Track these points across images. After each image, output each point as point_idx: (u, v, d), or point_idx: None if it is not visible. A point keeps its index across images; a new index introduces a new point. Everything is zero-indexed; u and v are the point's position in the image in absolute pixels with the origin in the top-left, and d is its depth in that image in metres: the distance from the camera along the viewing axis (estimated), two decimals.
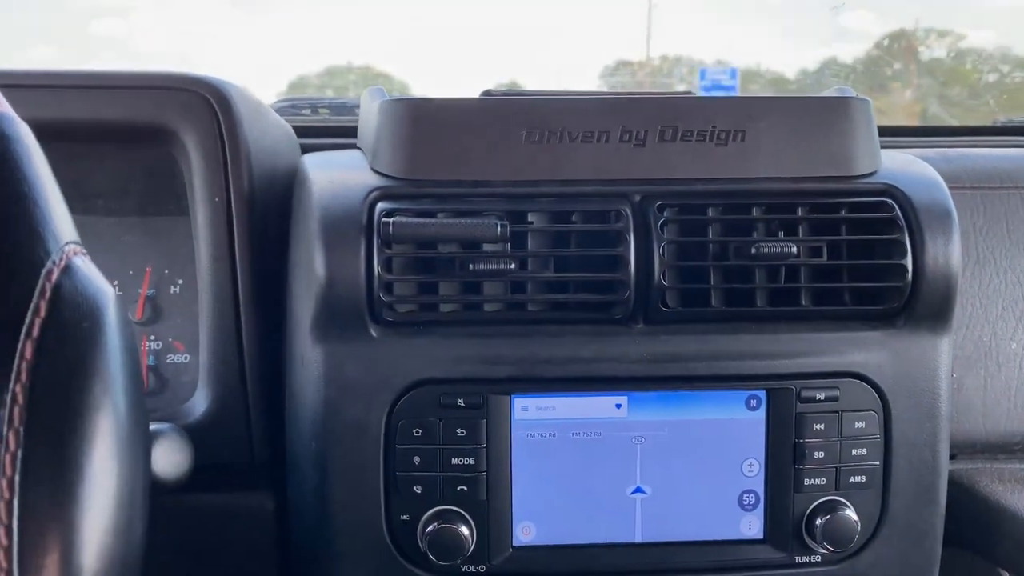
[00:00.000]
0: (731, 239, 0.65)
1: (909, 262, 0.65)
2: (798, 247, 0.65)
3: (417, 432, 0.64)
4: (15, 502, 0.29)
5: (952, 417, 0.75)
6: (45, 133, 0.40)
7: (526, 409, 0.65)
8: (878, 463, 0.67)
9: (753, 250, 0.64)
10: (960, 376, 0.78)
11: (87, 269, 0.34)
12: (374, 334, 0.64)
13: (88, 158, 0.73)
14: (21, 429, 0.30)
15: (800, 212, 0.66)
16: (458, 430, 0.64)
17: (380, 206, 0.64)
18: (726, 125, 0.66)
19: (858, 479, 0.66)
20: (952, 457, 0.77)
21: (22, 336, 0.30)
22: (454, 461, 0.64)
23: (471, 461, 0.64)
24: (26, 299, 0.31)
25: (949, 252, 0.65)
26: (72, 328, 0.32)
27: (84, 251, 0.35)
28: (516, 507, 0.65)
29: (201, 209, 0.70)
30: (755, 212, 0.66)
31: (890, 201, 0.66)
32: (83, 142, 0.71)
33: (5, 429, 0.30)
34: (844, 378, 0.66)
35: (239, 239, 0.70)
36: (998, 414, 0.78)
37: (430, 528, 0.64)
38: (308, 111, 1.06)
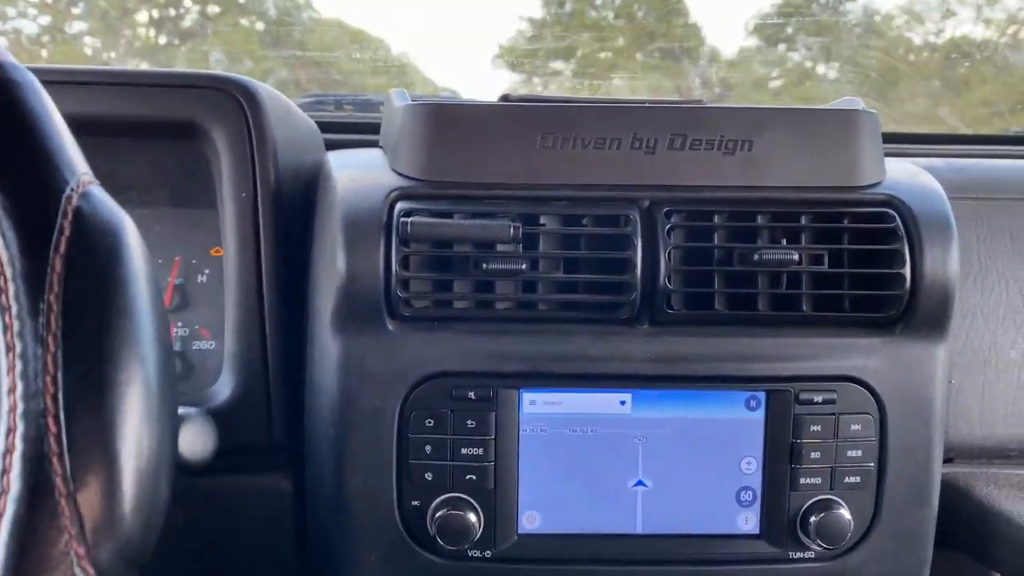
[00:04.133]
0: (735, 245, 0.68)
1: (908, 271, 0.67)
2: (800, 254, 0.67)
3: (429, 422, 0.67)
4: (59, 395, 0.34)
5: (950, 422, 0.77)
6: (82, 128, 0.43)
7: (534, 403, 0.68)
8: (873, 464, 0.69)
9: (756, 256, 0.66)
10: (959, 382, 0.80)
11: (103, 196, 0.38)
12: (391, 328, 0.67)
13: (122, 152, 0.77)
14: (58, 332, 0.34)
15: (803, 221, 0.68)
16: (468, 421, 0.67)
17: (399, 206, 0.67)
18: (734, 135, 0.68)
19: (853, 479, 0.69)
20: (949, 461, 0.79)
21: (51, 252, 0.34)
22: (463, 451, 0.67)
23: (480, 451, 0.67)
24: (51, 220, 0.35)
25: (947, 263, 0.68)
26: (95, 244, 0.36)
27: (97, 182, 0.39)
28: (522, 496, 0.68)
29: (229, 203, 0.73)
30: (760, 220, 0.68)
31: (891, 212, 0.68)
32: (118, 137, 0.74)
33: (45, 334, 0.34)
34: (841, 382, 0.68)
35: (264, 233, 0.73)
36: (995, 420, 0.80)
37: (439, 514, 0.67)
38: (332, 107, 1.09)
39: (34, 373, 0.34)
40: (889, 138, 0.75)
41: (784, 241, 0.68)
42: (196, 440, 0.55)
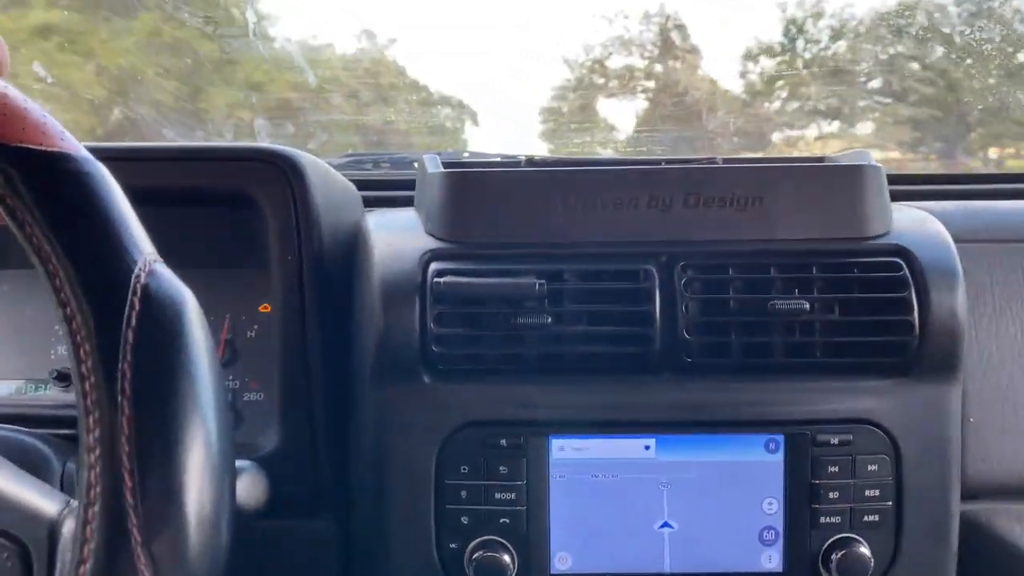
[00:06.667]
0: (750, 296, 0.71)
1: (916, 318, 0.70)
2: (812, 304, 0.71)
3: (464, 469, 0.71)
4: (134, 454, 0.38)
5: (970, 460, 0.79)
6: (140, 199, 0.48)
7: (562, 449, 0.72)
8: (890, 503, 0.72)
9: (770, 307, 0.70)
10: (977, 421, 0.82)
11: (166, 272, 0.42)
12: (426, 380, 0.72)
13: (176, 219, 0.82)
14: (132, 396, 0.38)
15: (814, 271, 0.72)
16: (501, 468, 0.71)
17: (433, 266, 0.72)
18: (745, 192, 0.72)
19: (871, 518, 0.71)
20: (972, 498, 0.81)
21: (123, 326, 0.39)
22: (497, 496, 0.71)
23: (512, 496, 0.71)
24: (123, 297, 0.39)
25: (954, 309, 0.71)
26: (161, 317, 0.40)
27: (161, 260, 0.43)
28: (554, 538, 0.72)
29: (276, 266, 0.79)
30: (772, 272, 0.72)
31: (899, 261, 0.72)
32: (173, 206, 0.80)
33: (120, 398, 0.38)
34: (857, 424, 0.71)
35: (308, 293, 0.78)
36: (1015, 457, 0.81)
37: (476, 556, 0.71)
38: (370, 166, 1.15)
39: (111, 434, 0.38)
40: (901, 179, 0.78)
41: (796, 291, 0.72)
42: (250, 490, 0.60)
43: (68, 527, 0.48)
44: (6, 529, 0.48)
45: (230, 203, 0.80)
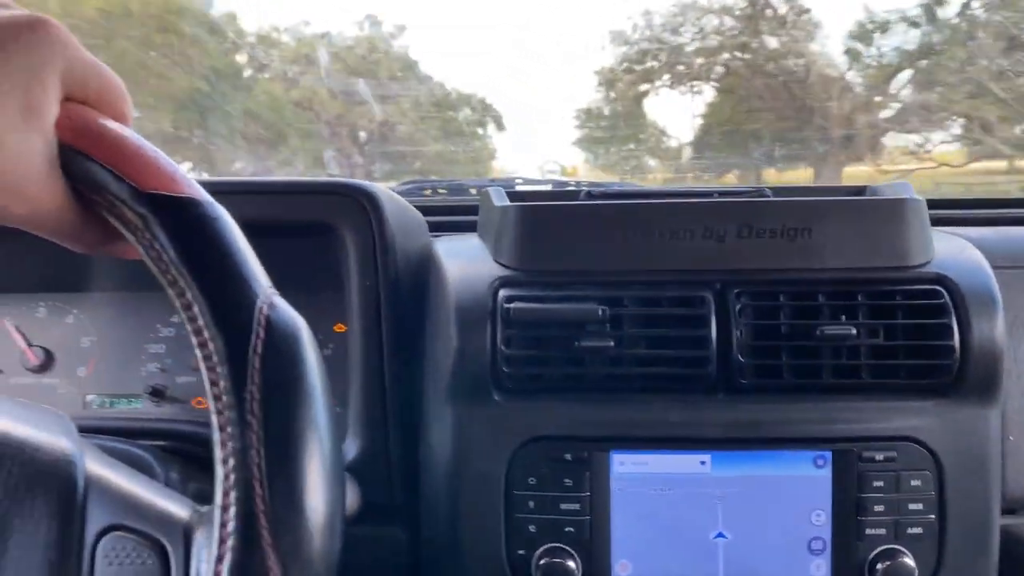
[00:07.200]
0: (799, 322, 0.76)
1: (957, 343, 0.75)
2: (858, 329, 0.75)
3: (532, 480, 0.77)
4: (263, 464, 0.43)
5: (1011, 476, 0.83)
6: None
7: (623, 464, 0.77)
8: (933, 517, 0.76)
9: (818, 332, 0.75)
10: (1018, 439, 0.86)
11: (284, 305, 0.47)
12: (496, 398, 0.78)
13: (263, 247, 0.89)
14: (260, 415, 0.43)
15: (860, 299, 0.77)
16: (565, 480, 0.77)
17: (502, 293, 0.78)
18: (795, 224, 0.77)
19: (915, 530, 0.76)
20: (1012, 512, 0.84)
21: (250, 352, 0.44)
22: (562, 506, 0.76)
23: (577, 507, 0.76)
24: (249, 327, 0.44)
25: (993, 334, 0.75)
26: (282, 344, 0.45)
27: (278, 293, 0.48)
28: (615, 547, 0.77)
29: (355, 290, 0.85)
30: (820, 299, 0.77)
31: (940, 288, 0.76)
32: (261, 236, 0.87)
33: (250, 417, 0.43)
34: (900, 441, 0.76)
35: (385, 315, 0.84)
36: None
37: (542, 562, 0.76)
38: (429, 192, 1.21)
39: (242, 447, 0.44)
40: (939, 204, 0.82)
41: (843, 317, 0.77)
42: (348, 498, 0.65)
43: (200, 530, 0.55)
44: (147, 531, 0.55)
45: (312, 233, 0.87)
